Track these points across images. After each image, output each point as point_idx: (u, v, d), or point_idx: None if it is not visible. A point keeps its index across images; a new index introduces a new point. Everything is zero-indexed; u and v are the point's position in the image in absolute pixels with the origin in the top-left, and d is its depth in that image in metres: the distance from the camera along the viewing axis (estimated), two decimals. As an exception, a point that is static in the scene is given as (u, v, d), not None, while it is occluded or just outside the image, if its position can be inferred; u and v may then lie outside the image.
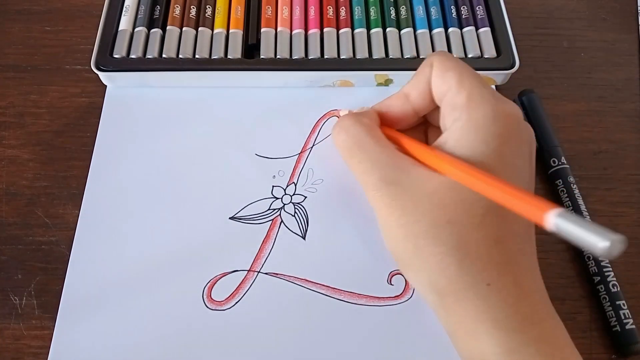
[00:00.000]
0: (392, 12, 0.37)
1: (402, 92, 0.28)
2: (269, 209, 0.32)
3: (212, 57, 0.36)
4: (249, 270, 0.30)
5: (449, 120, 0.25)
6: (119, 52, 0.35)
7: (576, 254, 0.32)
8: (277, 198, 0.33)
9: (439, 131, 0.28)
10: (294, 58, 0.36)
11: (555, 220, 0.20)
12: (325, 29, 0.37)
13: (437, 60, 0.26)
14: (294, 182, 0.33)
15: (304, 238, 0.31)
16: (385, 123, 0.29)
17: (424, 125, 0.31)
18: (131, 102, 0.36)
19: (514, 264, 0.23)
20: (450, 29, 0.37)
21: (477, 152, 0.23)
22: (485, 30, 0.37)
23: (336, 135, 0.28)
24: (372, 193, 0.25)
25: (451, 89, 0.25)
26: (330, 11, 0.37)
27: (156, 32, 0.36)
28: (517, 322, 0.22)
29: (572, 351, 0.23)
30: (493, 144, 0.24)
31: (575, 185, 0.33)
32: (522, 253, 0.24)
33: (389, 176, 0.25)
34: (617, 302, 0.29)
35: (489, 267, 0.23)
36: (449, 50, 0.36)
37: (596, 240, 0.19)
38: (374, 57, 0.36)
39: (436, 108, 0.28)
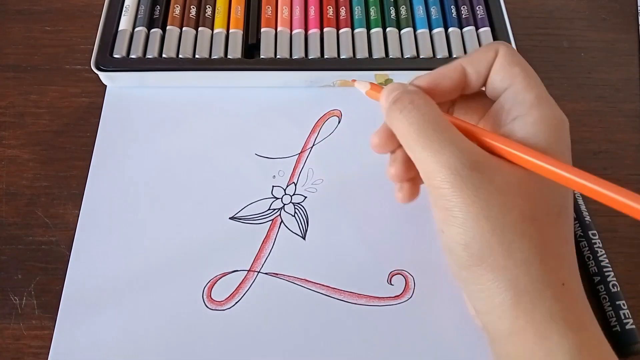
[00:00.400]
0: (392, 12, 0.37)
1: (459, 62, 0.26)
2: (269, 209, 0.32)
3: (212, 57, 0.36)
4: (248, 270, 0.30)
5: (508, 115, 0.25)
6: (119, 52, 0.35)
7: (576, 254, 0.32)
8: (277, 198, 0.33)
9: (464, 113, 0.28)
10: (294, 58, 0.36)
11: None
12: (325, 29, 0.37)
13: (503, 50, 0.25)
14: (294, 182, 0.33)
15: (304, 238, 0.31)
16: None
17: (447, 104, 0.29)
18: (131, 102, 0.36)
19: (574, 263, 0.24)
20: (450, 29, 0.37)
21: (552, 149, 0.23)
22: (485, 30, 0.37)
23: (405, 111, 0.24)
24: (450, 177, 0.22)
25: (516, 85, 0.25)
26: (330, 11, 0.37)
27: (156, 32, 0.36)
28: (584, 321, 0.22)
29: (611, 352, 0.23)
30: (563, 145, 0.24)
31: (575, 185, 0.33)
32: (573, 253, 0.24)
33: (474, 161, 0.22)
34: (617, 302, 0.29)
35: (563, 266, 0.23)
36: (449, 50, 0.36)
37: None
38: (374, 56, 0.36)
39: (478, 93, 0.27)
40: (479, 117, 0.27)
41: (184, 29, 0.37)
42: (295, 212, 0.32)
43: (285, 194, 0.33)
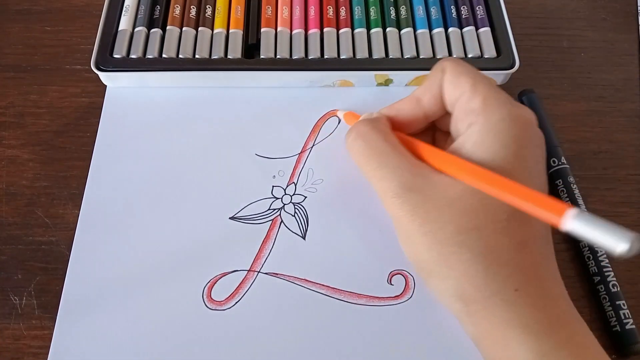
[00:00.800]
0: (392, 12, 0.37)
1: (413, 96, 0.28)
2: (269, 209, 0.32)
3: (212, 57, 0.36)
4: (248, 270, 0.30)
5: (462, 125, 0.25)
6: (119, 52, 0.35)
7: (576, 254, 0.32)
8: (277, 198, 0.33)
9: (446, 136, 0.28)
10: (294, 58, 0.36)
11: (572, 222, 0.20)
12: (325, 29, 0.37)
13: (449, 65, 0.26)
14: (294, 182, 0.33)
15: (304, 238, 0.31)
16: (395, 127, 0.28)
17: (431, 130, 0.30)
18: (131, 102, 0.36)
19: (538, 267, 0.23)
20: (450, 29, 0.37)
21: (498, 156, 0.23)
22: (485, 30, 0.37)
23: (352, 141, 0.27)
24: (391, 200, 0.25)
25: (465, 94, 0.25)
26: (330, 11, 0.37)
27: (156, 32, 0.36)
28: (546, 326, 0.22)
29: (599, 351, 0.22)
30: (512, 147, 0.23)
31: (575, 185, 0.33)
32: (544, 257, 0.24)
33: (410, 182, 0.24)
34: (617, 302, 0.29)
35: (515, 272, 0.22)
36: (449, 50, 0.36)
37: (615, 242, 0.19)
38: (374, 57, 0.36)
39: (446, 114, 0.28)
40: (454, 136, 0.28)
41: (184, 29, 0.37)
42: (295, 212, 0.32)
43: (285, 194, 0.33)
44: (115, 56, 0.35)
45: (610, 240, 0.19)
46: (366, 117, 0.29)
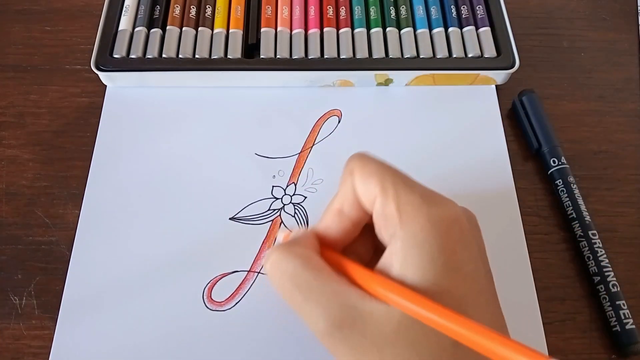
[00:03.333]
0: (392, 12, 0.37)
1: (333, 208, 0.24)
2: (269, 209, 0.32)
3: (212, 57, 0.36)
4: (249, 271, 0.30)
5: (385, 234, 0.23)
6: (118, 52, 0.35)
7: (576, 254, 0.32)
8: (277, 198, 0.33)
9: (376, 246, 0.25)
10: (293, 58, 0.36)
11: None
12: (325, 29, 0.37)
13: (356, 166, 0.23)
14: (294, 182, 0.33)
15: (304, 238, 0.31)
16: (328, 243, 0.24)
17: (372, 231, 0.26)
18: (131, 102, 0.36)
19: None
20: (450, 29, 0.37)
21: (429, 274, 0.21)
22: (485, 30, 0.37)
23: (269, 273, 0.23)
24: (324, 340, 0.21)
25: (377, 198, 0.22)
26: (330, 11, 0.37)
27: (156, 32, 0.36)
28: None
29: None
30: (441, 260, 0.21)
31: (575, 185, 0.33)
32: None
33: (340, 318, 0.21)
34: (617, 302, 0.29)
35: None
36: (449, 50, 0.36)
37: None
38: (374, 56, 0.36)
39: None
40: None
41: (184, 29, 0.37)
42: (295, 212, 0.32)
43: (285, 194, 0.33)
44: (115, 56, 0.35)
45: None
46: (292, 236, 0.25)
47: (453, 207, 0.22)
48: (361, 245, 0.25)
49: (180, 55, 0.36)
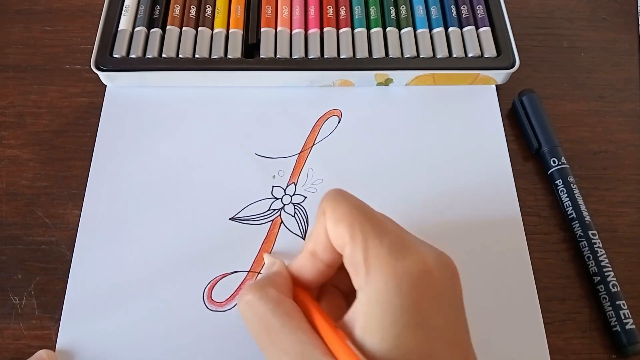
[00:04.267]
0: (392, 12, 0.37)
1: (307, 249, 0.24)
2: (269, 210, 0.32)
3: (212, 57, 0.36)
4: (249, 271, 0.30)
5: (355, 282, 0.22)
6: (118, 52, 0.35)
7: (576, 254, 0.32)
8: (277, 198, 0.33)
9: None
10: (293, 58, 0.36)
11: None
12: (325, 29, 0.37)
13: (328, 208, 0.22)
14: (294, 182, 0.33)
15: (304, 238, 0.31)
16: (302, 284, 0.24)
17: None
18: (131, 102, 0.36)
19: None
20: (450, 29, 0.37)
21: (388, 336, 0.20)
22: (485, 30, 0.37)
23: (241, 311, 0.23)
24: None
25: (347, 245, 0.21)
26: (330, 11, 0.37)
27: (156, 31, 0.36)
28: None
29: None
30: (403, 319, 0.20)
31: (575, 185, 0.33)
32: None
33: None
34: (617, 302, 0.29)
35: None
36: (449, 50, 0.36)
37: None
38: (374, 56, 0.36)
39: None
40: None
41: (183, 28, 0.37)
42: (295, 212, 0.32)
43: (285, 194, 0.33)
44: (115, 56, 0.35)
45: None
46: (267, 270, 0.25)
47: (423, 259, 0.21)
48: (342, 278, 0.24)
49: (180, 55, 0.36)
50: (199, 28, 0.37)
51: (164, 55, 0.35)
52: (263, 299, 0.22)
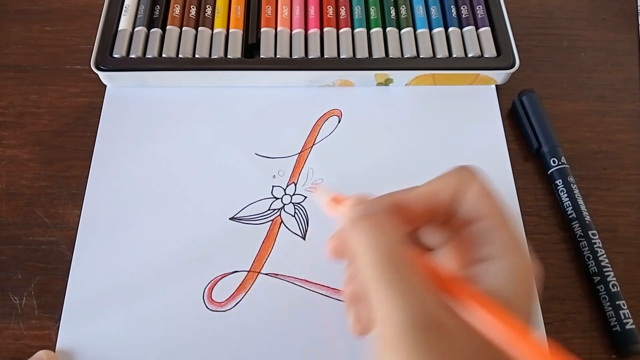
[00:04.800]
0: (392, 12, 0.37)
1: (431, 189, 0.22)
2: (269, 209, 0.32)
3: (212, 57, 0.36)
4: (249, 271, 0.30)
5: (479, 252, 0.22)
6: (118, 52, 0.35)
7: (576, 254, 0.32)
8: (277, 198, 0.33)
9: (428, 234, 0.24)
10: (293, 58, 0.36)
11: None
12: (325, 29, 0.37)
13: (477, 179, 0.22)
14: (294, 182, 0.33)
15: (304, 238, 0.31)
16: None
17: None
18: (131, 102, 0.36)
19: None
20: (450, 29, 0.37)
21: (521, 304, 0.20)
22: (485, 30, 0.37)
23: (368, 236, 0.20)
24: (400, 336, 0.18)
25: (489, 220, 0.21)
26: (330, 11, 0.37)
27: (156, 31, 0.36)
28: None
29: None
30: (532, 297, 0.21)
31: (575, 185, 0.33)
32: None
33: (428, 323, 0.18)
34: (617, 302, 0.29)
35: None
36: (449, 50, 0.36)
37: None
38: (374, 56, 0.36)
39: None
40: (444, 242, 0.24)
41: (183, 28, 0.37)
42: (295, 212, 0.32)
43: (285, 194, 0.33)
44: (115, 56, 0.35)
45: None
46: (373, 202, 0.22)
47: (533, 268, 0.22)
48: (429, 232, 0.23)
49: (180, 55, 0.35)
50: (199, 28, 0.37)
51: (164, 55, 0.35)
52: (393, 222, 0.20)
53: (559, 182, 0.33)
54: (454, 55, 0.36)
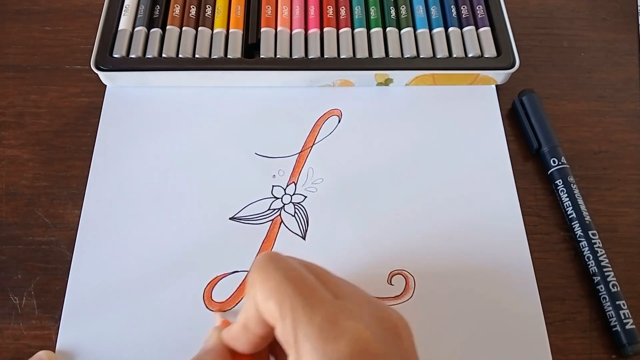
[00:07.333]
0: (392, 12, 0.37)
1: (240, 322, 0.23)
2: (269, 209, 0.32)
3: (212, 57, 0.36)
4: (248, 271, 0.30)
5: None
6: (118, 52, 0.35)
7: (576, 254, 0.32)
8: (277, 198, 0.33)
9: None
10: (294, 58, 0.36)
11: None
12: (325, 29, 0.37)
13: (257, 281, 0.21)
14: (294, 182, 0.33)
15: (304, 238, 0.31)
16: (240, 354, 0.24)
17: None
18: (131, 102, 0.36)
19: None
20: (450, 29, 0.37)
21: None
22: (485, 30, 0.37)
23: None
24: None
25: (277, 322, 0.20)
26: (330, 11, 0.37)
27: (156, 31, 0.36)
28: None
29: None
30: None
31: (575, 185, 0.33)
32: None
33: None
34: (617, 302, 0.29)
35: None
36: (449, 49, 0.36)
37: None
38: (374, 56, 0.36)
39: None
40: None
41: (183, 28, 0.37)
42: (295, 212, 0.32)
43: (285, 193, 0.33)
44: (115, 56, 0.35)
45: None
46: (205, 346, 0.25)
47: (357, 336, 0.19)
48: (279, 346, 0.22)
49: (180, 55, 0.36)
50: (199, 28, 0.37)
51: (164, 55, 0.35)
52: None
53: (559, 182, 0.33)
54: (454, 55, 0.36)
